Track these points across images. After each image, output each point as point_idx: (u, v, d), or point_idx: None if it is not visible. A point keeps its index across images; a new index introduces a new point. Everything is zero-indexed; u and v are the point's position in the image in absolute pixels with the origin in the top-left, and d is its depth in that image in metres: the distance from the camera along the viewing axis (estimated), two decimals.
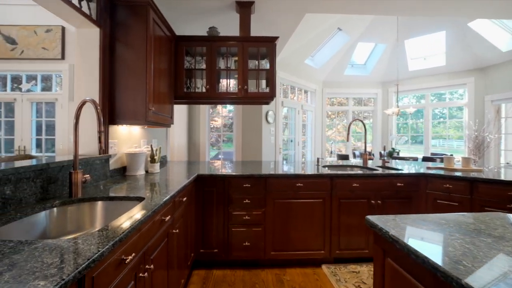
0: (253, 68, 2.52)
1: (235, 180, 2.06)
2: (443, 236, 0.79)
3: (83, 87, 1.73)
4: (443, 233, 0.81)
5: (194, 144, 4.22)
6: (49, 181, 1.26)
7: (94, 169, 1.62)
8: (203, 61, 2.56)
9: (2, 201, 1.02)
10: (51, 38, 4.34)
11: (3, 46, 4.40)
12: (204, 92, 2.47)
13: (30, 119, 4.50)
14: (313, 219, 2.09)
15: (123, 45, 1.84)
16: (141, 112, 1.80)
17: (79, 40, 1.74)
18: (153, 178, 1.86)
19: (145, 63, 1.82)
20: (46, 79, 4.63)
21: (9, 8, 4.49)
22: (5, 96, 4.56)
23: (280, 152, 4.50)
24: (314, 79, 5.65)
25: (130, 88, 1.82)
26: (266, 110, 4.26)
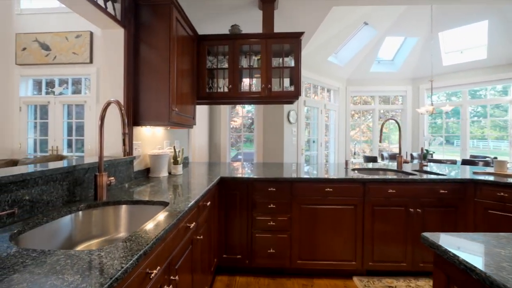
0: (276, 66, 2.41)
1: (259, 183, 1.96)
2: None
3: (108, 88, 1.73)
4: None
5: (215, 145, 4.20)
6: (75, 183, 1.24)
7: (119, 171, 1.60)
8: (225, 60, 2.50)
9: (30, 204, 1.00)
10: (81, 43, 4.53)
11: (39, 53, 4.67)
12: (226, 92, 2.40)
13: (62, 120, 4.75)
14: (343, 227, 1.93)
15: (146, 45, 1.81)
16: (164, 113, 1.77)
17: (105, 41, 1.74)
18: (176, 180, 1.81)
19: (168, 64, 1.78)
20: (76, 82, 4.85)
21: (45, 17, 4.76)
22: (40, 99, 4.84)
23: (302, 153, 4.34)
24: (337, 77, 5.41)
25: (154, 89, 1.79)
26: (287, 110, 4.12)
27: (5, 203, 0.91)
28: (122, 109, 1.14)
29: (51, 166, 1.15)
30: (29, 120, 4.83)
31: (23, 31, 4.71)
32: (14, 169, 1.04)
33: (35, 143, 4.90)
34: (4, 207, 0.90)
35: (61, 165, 1.17)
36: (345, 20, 4.03)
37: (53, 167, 1.12)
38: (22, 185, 0.97)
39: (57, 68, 4.64)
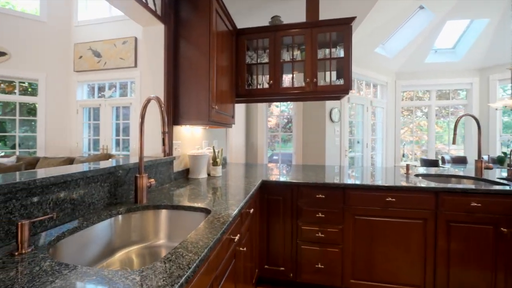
0: (322, 58, 2.16)
1: (306, 189, 1.75)
2: None
3: (149, 86, 1.69)
4: None
5: (251, 145, 4.07)
6: (116, 184, 1.18)
7: (159, 171, 1.53)
8: (265, 55, 2.33)
9: (71, 207, 0.95)
10: (127, 49, 4.81)
11: (92, 60, 5.09)
12: (266, 88, 2.24)
13: (111, 122, 5.10)
14: (409, 244, 1.61)
15: (186, 41, 1.74)
16: (204, 112, 1.67)
17: (145, 39, 1.70)
18: (216, 182, 1.70)
19: (208, 60, 1.68)
20: (123, 86, 5.18)
21: (97, 27, 5.16)
22: (93, 102, 5.27)
23: (345, 155, 3.97)
24: (385, 70, 4.87)
25: (193, 87, 1.70)
26: (330, 108, 3.80)
27: (47, 206, 0.86)
28: (162, 106, 1.04)
29: (92, 167, 1.10)
30: (84, 121, 5.31)
31: (80, 41, 5.19)
32: (57, 169, 1.01)
33: (89, 142, 5.37)
34: (46, 209, 0.85)
35: (102, 166, 1.12)
36: (397, 4, 3.56)
37: (94, 167, 1.06)
38: (64, 186, 0.92)
39: (106, 73, 5.00)
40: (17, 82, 5.09)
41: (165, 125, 1.02)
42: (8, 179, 0.76)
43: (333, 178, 1.86)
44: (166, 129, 1.01)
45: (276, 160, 5.39)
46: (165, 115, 1.03)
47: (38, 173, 0.90)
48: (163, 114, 1.02)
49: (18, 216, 0.77)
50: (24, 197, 0.79)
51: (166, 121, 1.03)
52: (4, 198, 0.73)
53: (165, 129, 1.01)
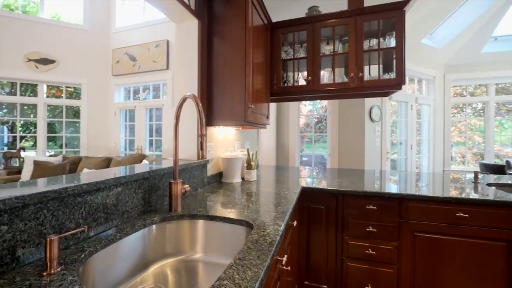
0: (368, 49, 1.91)
1: (353, 198, 1.53)
2: None
3: (182, 85, 1.61)
4: None
5: (282, 146, 3.89)
6: (150, 190, 1.10)
7: (192, 176, 1.44)
8: (302, 49, 2.15)
9: (105, 216, 0.88)
10: (159, 52, 4.93)
11: (128, 64, 5.32)
12: (304, 85, 2.05)
13: (145, 123, 5.28)
14: (485, 270, 1.32)
15: (220, 37, 1.63)
16: (239, 111, 1.54)
17: (179, 36, 1.62)
18: (252, 188, 1.56)
19: (244, 57, 1.55)
20: (156, 88, 5.34)
21: (133, 32, 5.37)
22: (129, 104, 5.51)
23: (387, 158, 3.60)
24: (433, 63, 4.36)
25: (228, 85, 1.59)
26: (369, 106, 3.47)
27: (79, 215, 0.78)
28: (199, 105, 0.92)
29: (126, 171, 1.03)
30: (121, 123, 5.58)
31: (117, 46, 5.46)
32: (89, 174, 0.94)
33: (126, 143, 5.64)
34: (78, 219, 0.78)
35: (136, 171, 1.04)
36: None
37: (128, 173, 0.99)
38: (97, 194, 0.84)
39: (141, 76, 5.19)
40: (64, 87, 5.51)
41: (203, 126, 0.90)
42: (39, 188, 0.70)
43: (383, 186, 1.62)
44: (204, 131, 0.89)
45: (305, 162, 5.14)
46: (203, 115, 0.91)
47: (69, 180, 0.84)
48: (201, 114, 0.91)
49: (49, 228, 0.70)
50: (55, 207, 0.72)
51: (204, 121, 0.91)
52: (34, 209, 0.66)
53: (202, 131, 0.89)
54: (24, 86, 5.37)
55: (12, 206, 0.61)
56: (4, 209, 0.60)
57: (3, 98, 5.03)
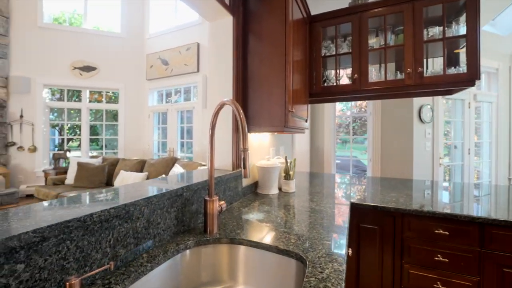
0: (429, 39, 1.62)
1: (417, 219, 1.27)
2: None
3: (216, 87, 1.49)
4: None
5: (316, 150, 3.64)
6: (183, 207, 0.98)
7: (227, 188, 1.31)
8: (345, 44, 1.91)
9: (135, 241, 0.77)
10: (190, 55, 4.97)
11: (161, 68, 5.46)
12: (349, 84, 1.81)
13: (176, 125, 5.37)
14: None
15: (256, 35, 1.48)
16: (278, 116, 1.37)
17: (212, 35, 1.50)
18: (292, 202, 1.39)
19: (283, 55, 1.38)
20: (186, 90, 5.41)
21: (165, 36, 5.50)
22: (161, 107, 5.66)
23: (439, 164, 3.15)
24: (496, 53, 3.75)
25: (266, 87, 1.43)
26: (419, 105, 3.06)
27: (106, 244, 0.68)
28: (240, 114, 0.77)
29: (159, 188, 0.91)
30: (154, 125, 5.77)
31: (151, 52, 5.64)
32: (120, 191, 0.84)
33: (159, 145, 5.82)
34: (105, 248, 0.68)
35: (169, 188, 0.92)
36: None
37: (160, 191, 0.87)
38: (126, 217, 0.74)
39: (173, 80, 5.30)
40: (104, 92, 5.86)
41: (246, 139, 0.75)
42: (61, 215, 0.60)
43: (456, 205, 1.32)
44: (246, 145, 0.74)
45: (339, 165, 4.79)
46: (245, 126, 0.76)
47: (94, 199, 0.74)
48: (243, 124, 0.75)
49: (72, 262, 0.60)
50: (80, 236, 0.61)
51: (247, 132, 0.76)
52: (56, 241, 0.56)
53: (245, 145, 0.74)
54: (71, 92, 5.82)
55: (29, 241, 0.51)
56: (20, 246, 0.50)
57: (54, 103, 5.48)
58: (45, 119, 5.20)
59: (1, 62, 4.72)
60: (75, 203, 0.69)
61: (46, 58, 5.08)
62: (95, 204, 0.69)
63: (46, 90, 5.30)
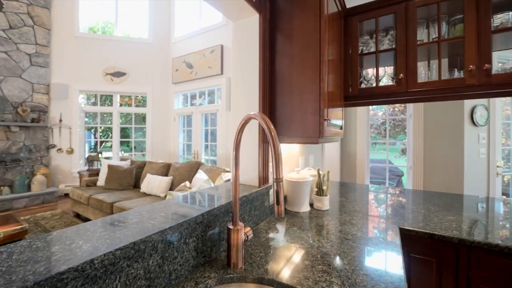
0: (497, 28, 1.32)
1: (487, 255, 1.01)
2: None
3: (240, 91, 1.35)
4: None
5: (348, 155, 3.36)
6: (204, 235, 0.85)
7: (253, 207, 1.16)
8: (386, 39, 1.66)
9: (147, 283, 0.65)
10: (214, 57, 4.93)
11: (185, 71, 5.51)
12: (392, 85, 1.57)
13: (201, 128, 5.38)
14: None
15: (285, 33, 1.31)
16: (312, 125, 1.20)
17: (236, 35, 1.37)
18: (326, 223, 1.20)
19: (318, 55, 1.21)
20: (210, 93, 5.39)
21: (190, 40, 5.54)
22: (186, 110, 5.72)
23: (497, 174, 2.71)
24: None
25: (297, 92, 1.26)
26: (470, 106, 2.66)
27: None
28: (271, 131, 0.61)
29: (175, 214, 0.79)
30: (179, 128, 5.86)
31: (176, 56, 5.72)
32: (131, 216, 0.73)
33: (184, 147, 5.89)
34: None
35: (188, 216, 0.80)
36: None
37: (176, 221, 0.75)
38: (136, 257, 0.62)
39: (197, 83, 5.31)
40: (133, 96, 6.08)
41: (280, 168, 0.59)
42: (55, 266, 0.49)
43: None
44: (280, 174, 0.58)
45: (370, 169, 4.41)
46: (279, 149, 0.60)
47: (95, 231, 0.63)
48: (274, 142, 0.60)
49: None
50: (79, 286, 0.50)
51: (281, 156, 0.60)
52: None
53: (279, 174, 0.58)
54: (104, 97, 6.12)
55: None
56: None
57: (88, 108, 5.80)
58: (80, 122, 5.52)
59: (44, 71, 5.09)
60: (71, 242, 0.58)
61: (81, 65, 5.39)
62: (97, 243, 0.58)
63: (81, 95, 5.63)
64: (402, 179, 5.82)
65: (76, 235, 0.62)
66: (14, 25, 4.76)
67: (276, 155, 0.59)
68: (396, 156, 9.82)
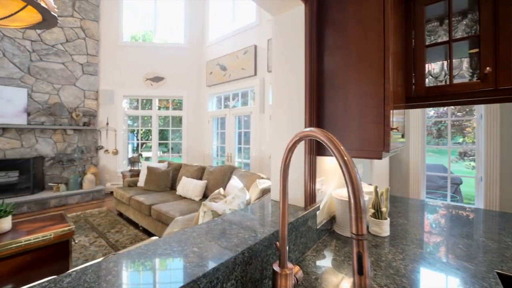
0: None
1: None
2: None
3: (281, 99, 1.17)
4: None
5: (399, 163, 2.96)
6: (243, 274, 0.70)
7: (299, 234, 0.98)
8: (463, 24, 1.34)
9: None
10: (247, 58, 4.83)
11: (219, 74, 5.52)
12: (474, 82, 1.25)
13: (234, 130, 5.34)
14: None
15: (338, 25, 1.10)
16: (375, 138, 0.97)
17: (277, 31, 1.20)
18: (391, 257, 0.96)
19: (382, 49, 0.97)
20: (244, 95, 5.31)
21: (223, 43, 5.53)
22: (220, 112, 5.73)
23: None
24: None
25: (353, 96, 1.04)
26: None
27: None
28: (348, 165, 0.43)
29: (212, 251, 0.65)
30: (213, 130, 5.91)
31: (210, 59, 5.77)
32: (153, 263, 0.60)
33: (217, 150, 5.93)
34: None
35: (223, 256, 0.65)
36: None
37: (210, 265, 0.60)
38: None
39: (230, 85, 5.28)
40: (170, 100, 6.31)
41: (361, 219, 0.40)
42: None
43: None
44: (362, 228, 0.39)
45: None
46: (359, 187, 0.41)
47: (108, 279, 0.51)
48: (355, 183, 0.41)
49: None
50: None
51: (362, 199, 0.41)
52: None
53: (361, 229, 0.39)
54: (144, 101, 6.47)
55: None
56: None
57: (131, 112, 6.17)
58: (124, 125, 5.89)
59: (93, 79, 5.55)
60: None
61: (125, 72, 5.75)
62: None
63: (125, 100, 6.01)
64: (460, 187, 5.06)
65: (96, 279, 0.51)
66: (69, 39, 5.25)
67: (356, 201, 0.40)
68: (452, 161, 8.68)
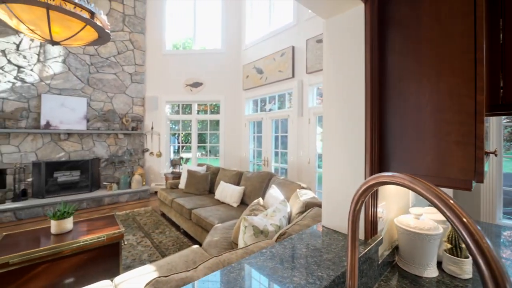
0: None
1: None
2: None
3: (333, 103, 1.03)
4: None
5: None
6: None
7: (361, 272, 0.84)
8: None
9: None
10: (284, 60, 4.70)
11: (256, 77, 5.48)
12: None
13: (271, 134, 5.25)
14: None
15: (405, 24, 0.93)
16: (458, 161, 0.78)
17: (329, 35, 1.06)
18: None
19: (472, 49, 0.78)
20: (280, 97, 5.19)
21: (259, 46, 5.47)
22: (256, 116, 5.69)
23: None
24: None
25: (428, 108, 0.86)
26: None
27: None
28: (471, 230, 0.30)
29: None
30: (250, 134, 5.91)
31: (246, 62, 5.78)
32: None
33: (254, 153, 5.91)
34: None
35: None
36: None
37: None
38: None
39: (267, 88, 5.20)
40: (208, 104, 6.49)
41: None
42: None
43: None
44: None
45: None
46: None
47: None
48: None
49: None
50: None
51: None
52: None
53: None
54: (185, 106, 6.78)
55: None
56: None
57: (172, 116, 6.52)
58: (166, 129, 6.24)
59: (140, 87, 5.99)
60: None
61: (167, 79, 6.09)
62: None
63: (168, 105, 6.37)
64: None
65: None
66: (120, 51, 5.76)
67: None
68: None
